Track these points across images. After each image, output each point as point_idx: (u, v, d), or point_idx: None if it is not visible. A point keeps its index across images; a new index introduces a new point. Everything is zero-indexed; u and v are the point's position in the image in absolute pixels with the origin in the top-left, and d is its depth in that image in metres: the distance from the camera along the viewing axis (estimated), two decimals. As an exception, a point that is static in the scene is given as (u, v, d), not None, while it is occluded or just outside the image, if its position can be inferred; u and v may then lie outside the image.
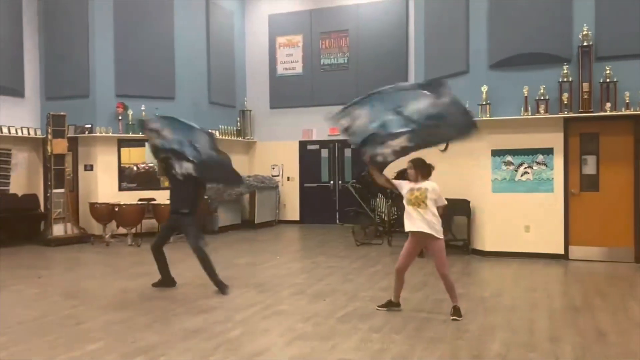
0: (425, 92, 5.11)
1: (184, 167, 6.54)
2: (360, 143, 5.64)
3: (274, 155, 14.10)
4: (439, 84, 5.19)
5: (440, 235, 5.33)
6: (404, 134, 5.25)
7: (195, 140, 6.44)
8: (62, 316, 5.55)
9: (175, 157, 6.58)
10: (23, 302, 6.20)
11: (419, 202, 5.29)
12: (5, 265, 8.48)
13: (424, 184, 5.38)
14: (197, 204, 6.83)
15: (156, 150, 6.89)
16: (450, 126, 5.24)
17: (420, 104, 5.10)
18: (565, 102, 8.16)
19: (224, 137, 13.09)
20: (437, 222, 5.31)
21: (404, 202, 5.43)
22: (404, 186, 5.47)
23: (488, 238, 8.77)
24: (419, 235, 5.33)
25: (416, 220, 5.30)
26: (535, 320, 5.27)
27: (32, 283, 7.19)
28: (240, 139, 13.81)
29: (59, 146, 10.65)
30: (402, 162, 5.78)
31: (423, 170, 5.45)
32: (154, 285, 6.80)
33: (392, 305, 5.63)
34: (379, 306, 5.67)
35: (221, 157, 6.58)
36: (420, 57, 10.42)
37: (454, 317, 5.25)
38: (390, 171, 5.78)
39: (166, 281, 6.80)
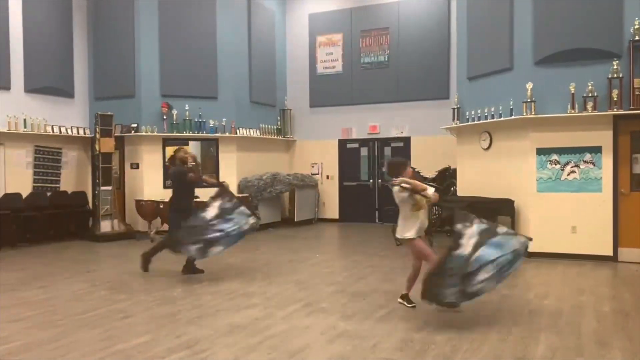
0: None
1: None
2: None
3: (313, 153, 14.15)
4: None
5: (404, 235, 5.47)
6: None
7: None
8: (110, 310, 5.73)
9: None
10: (73, 295, 6.42)
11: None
12: (56, 260, 8.82)
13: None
14: (176, 202, 7.48)
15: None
16: None
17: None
18: (615, 99, 7.89)
19: (264, 136, 13.24)
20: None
21: (416, 207, 5.41)
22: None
23: (533, 238, 8.54)
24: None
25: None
26: (583, 323, 5.13)
27: (81, 277, 7.45)
28: (280, 137, 13.93)
29: (107, 145, 10.99)
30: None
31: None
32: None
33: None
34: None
35: None
36: (462, 55, 10.25)
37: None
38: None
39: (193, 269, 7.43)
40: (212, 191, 7.44)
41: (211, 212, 6.95)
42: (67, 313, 5.61)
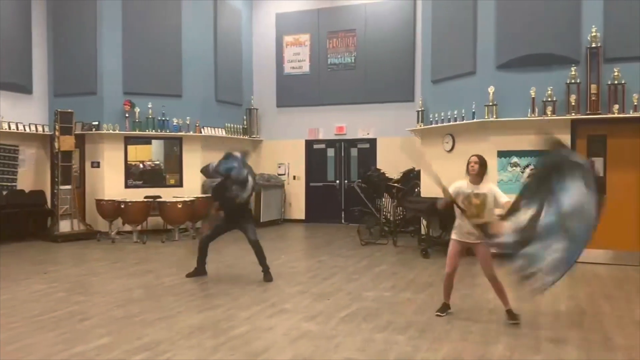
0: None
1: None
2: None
3: (280, 153, 14.11)
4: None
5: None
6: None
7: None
8: (68, 312, 5.58)
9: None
10: (30, 297, 6.23)
11: (479, 212, 4.96)
12: (13, 261, 8.54)
13: (483, 188, 5.04)
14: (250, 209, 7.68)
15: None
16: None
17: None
18: (573, 104, 8.13)
19: (230, 136, 13.12)
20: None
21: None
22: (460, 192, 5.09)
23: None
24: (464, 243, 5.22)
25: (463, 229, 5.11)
26: (541, 322, 5.26)
27: (38, 278, 7.24)
28: (246, 137, 13.84)
29: (67, 143, 10.71)
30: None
31: (484, 169, 5.08)
32: (188, 275, 7.24)
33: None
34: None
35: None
36: (427, 57, 10.39)
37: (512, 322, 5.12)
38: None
39: (200, 271, 7.33)
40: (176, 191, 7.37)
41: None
42: (24, 315, 5.44)
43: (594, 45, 8.00)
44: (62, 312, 5.58)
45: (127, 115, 11.45)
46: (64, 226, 10.61)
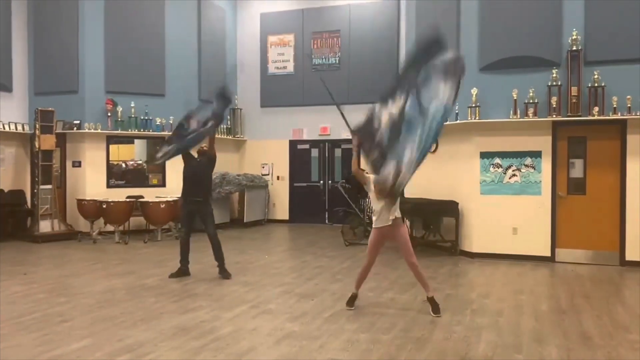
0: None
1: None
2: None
3: (264, 154, 14.08)
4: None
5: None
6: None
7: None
8: (48, 313, 5.51)
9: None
10: (9, 298, 6.14)
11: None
12: (-9, 262, 8.41)
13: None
14: (211, 191, 7.70)
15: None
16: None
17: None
18: (554, 106, 8.23)
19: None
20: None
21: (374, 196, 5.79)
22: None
23: (476, 239, 8.82)
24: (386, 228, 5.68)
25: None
26: (522, 322, 5.32)
27: (18, 279, 7.13)
28: (230, 137, 13.77)
29: (47, 142, 10.56)
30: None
31: None
32: (172, 276, 7.20)
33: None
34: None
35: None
36: (411, 59, 10.44)
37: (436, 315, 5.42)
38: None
39: (184, 271, 7.33)
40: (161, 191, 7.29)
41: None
42: (4, 317, 5.35)
43: (574, 48, 8.12)
44: (42, 313, 5.50)
45: (109, 114, 11.34)
46: (44, 226, 10.46)
